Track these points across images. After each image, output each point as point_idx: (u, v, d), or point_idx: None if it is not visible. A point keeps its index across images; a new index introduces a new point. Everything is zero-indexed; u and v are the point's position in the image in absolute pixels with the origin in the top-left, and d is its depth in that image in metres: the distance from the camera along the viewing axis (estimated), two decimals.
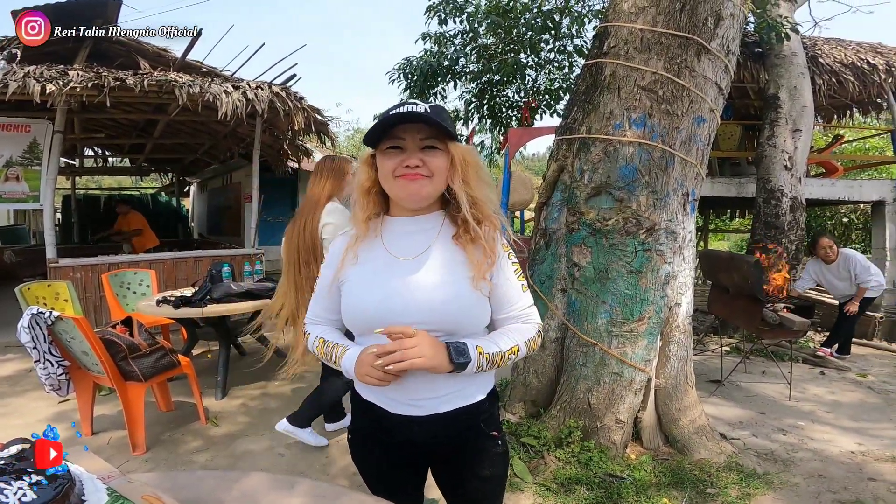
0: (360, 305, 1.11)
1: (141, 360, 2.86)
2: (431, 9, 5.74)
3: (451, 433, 1.15)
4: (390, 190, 1.10)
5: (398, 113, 1.03)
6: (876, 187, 6.74)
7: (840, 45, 6.76)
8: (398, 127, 1.06)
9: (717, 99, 2.91)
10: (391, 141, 1.07)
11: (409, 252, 1.12)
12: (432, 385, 1.10)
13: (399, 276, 1.09)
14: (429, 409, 1.12)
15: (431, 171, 1.07)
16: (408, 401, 1.12)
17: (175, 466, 2.72)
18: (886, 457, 2.99)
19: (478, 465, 1.19)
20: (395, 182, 1.07)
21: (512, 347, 1.10)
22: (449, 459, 1.21)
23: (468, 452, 1.18)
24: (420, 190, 1.07)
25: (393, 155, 1.07)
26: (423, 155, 1.06)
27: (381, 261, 1.12)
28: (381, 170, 1.09)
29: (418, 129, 1.06)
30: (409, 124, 1.05)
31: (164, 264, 5.76)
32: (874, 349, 5.75)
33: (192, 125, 7.91)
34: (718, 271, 4.86)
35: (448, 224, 1.15)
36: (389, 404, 1.14)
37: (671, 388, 2.93)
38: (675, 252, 2.87)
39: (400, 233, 1.15)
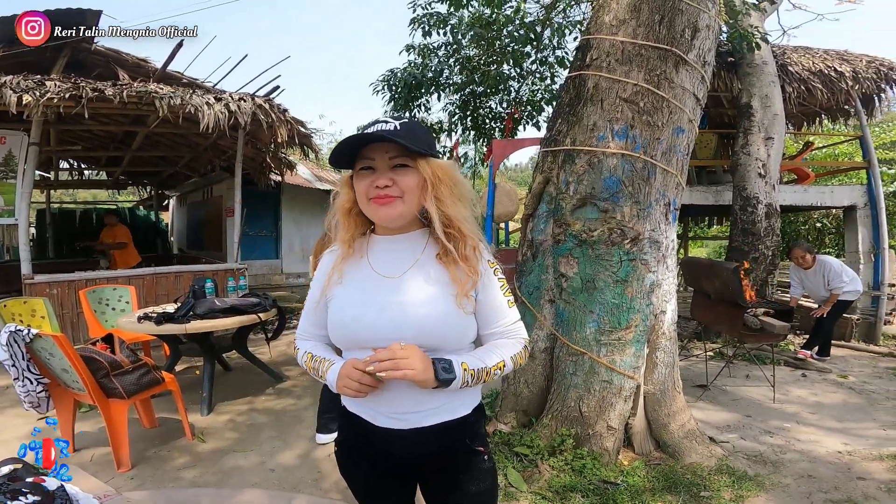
0: (344, 322, 1.12)
1: (123, 377, 2.83)
2: (416, 21, 5.79)
3: (434, 448, 1.14)
4: (366, 211, 1.12)
5: (360, 135, 1.04)
6: (847, 193, 6.95)
7: (808, 53, 6.93)
8: (368, 146, 1.06)
9: (694, 109, 2.98)
10: (362, 161, 1.08)
11: (394, 270, 1.13)
12: (417, 399, 1.10)
13: (383, 294, 1.10)
14: (412, 423, 1.11)
15: (402, 191, 1.07)
16: (392, 414, 1.11)
17: (162, 483, 2.65)
18: (874, 456, 3.05)
19: (465, 482, 1.18)
20: (369, 204, 1.09)
21: (498, 363, 1.11)
22: (435, 474, 1.20)
23: (454, 468, 1.18)
24: (391, 212, 1.08)
25: (365, 176, 1.08)
26: (394, 174, 1.06)
27: (367, 279, 1.13)
28: (357, 190, 1.11)
29: (387, 148, 1.06)
30: (378, 143, 1.05)
31: (143, 280, 5.65)
32: (852, 350, 5.91)
33: (171, 137, 7.81)
34: (700, 278, 4.95)
35: (432, 242, 1.15)
36: (374, 416, 1.13)
37: (660, 393, 2.97)
38: (659, 261, 2.92)
39: (385, 251, 1.16)
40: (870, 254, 6.70)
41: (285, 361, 5.02)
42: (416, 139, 1.05)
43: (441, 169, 1.10)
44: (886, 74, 6.71)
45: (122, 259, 7.35)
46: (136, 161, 9.22)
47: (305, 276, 10.18)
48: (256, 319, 3.72)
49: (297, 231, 10.48)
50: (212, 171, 9.12)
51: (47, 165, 9.61)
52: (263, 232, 10.03)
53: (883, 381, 4.67)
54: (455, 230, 1.11)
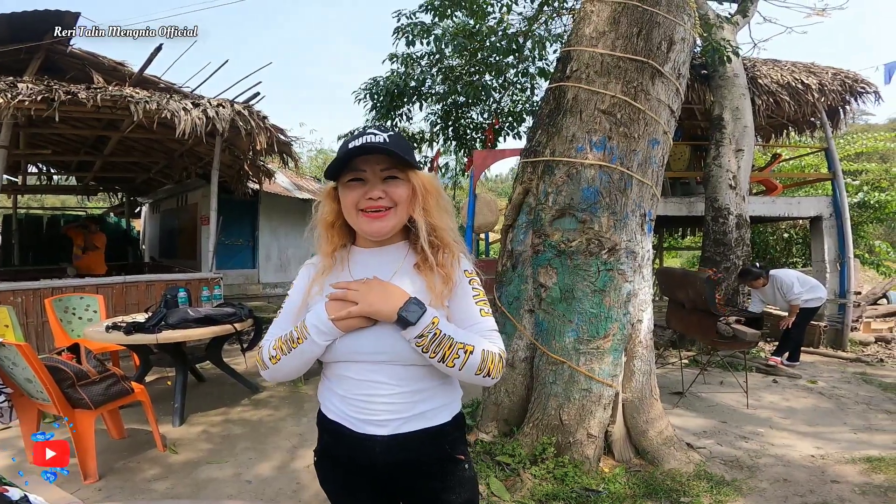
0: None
1: (90, 387, 2.75)
2: (399, 30, 5.81)
3: (414, 455, 1.13)
4: (354, 224, 1.12)
5: (359, 145, 1.04)
6: (813, 204, 7.19)
7: (777, 65, 7.11)
8: (358, 158, 1.06)
9: (669, 121, 3.06)
10: (352, 173, 1.08)
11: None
12: (397, 405, 1.10)
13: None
14: (392, 429, 1.10)
15: (394, 202, 1.08)
16: (372, 420, 1.11)
17: (132, 495, 2.57)
18: (846, 459, 3.12)
19: (444, 491, 1.17)
20: (359, 216, 1.09)
21: (468, 345, 1.04)
22: (416, 486, 1.18)
23: (434, 477, 1.16)
24: (384, 226, 1.09)
25: (355, 187, 1.08)
26: (385, 186, 1.08)
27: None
28: (344, 202, 1.10)
29: (378, 160, 1.07)
30: (370, 155, 1.06)
31: (112, 289, 5.48)
32: (821, 356, 6.08)
33: (146, 143, 7.65)
34: (674, 288, 5.04)
35: (411, 253, 1.16)
36: (353, 423, 1.12)
37: (638, 401, 3.00)
38: (636, 271, 2.96)
39: (365, 264, 1.16)
40: (835, 263, 6.93)
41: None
42: (406, 152, 1.08)
43: (428, 181, 1.13)
44: (851, 87, 6.94)
45: (94, 262, 7.20)
46: (108, 166, 9.01)
47: (283, 286, 10.03)
48: (231, 330, 3.64)
49: (275, 240, 10.35)
50: (187, 178, 8.95)
51: (15, 169, 9.30)
52: (240, 241, 9.87)
53: (851, 385, 4.81)
54: (438, 239, 1.13)
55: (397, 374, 1.10)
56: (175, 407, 3.57)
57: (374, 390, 1.09)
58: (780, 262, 10.47)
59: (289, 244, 10.59)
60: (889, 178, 10.47)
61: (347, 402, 1.13)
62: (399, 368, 1.10)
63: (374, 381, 1.10)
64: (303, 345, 1.08)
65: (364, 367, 1.10)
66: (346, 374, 1.12)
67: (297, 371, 1.14)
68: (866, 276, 12.05)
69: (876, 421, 3.83)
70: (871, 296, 9.10)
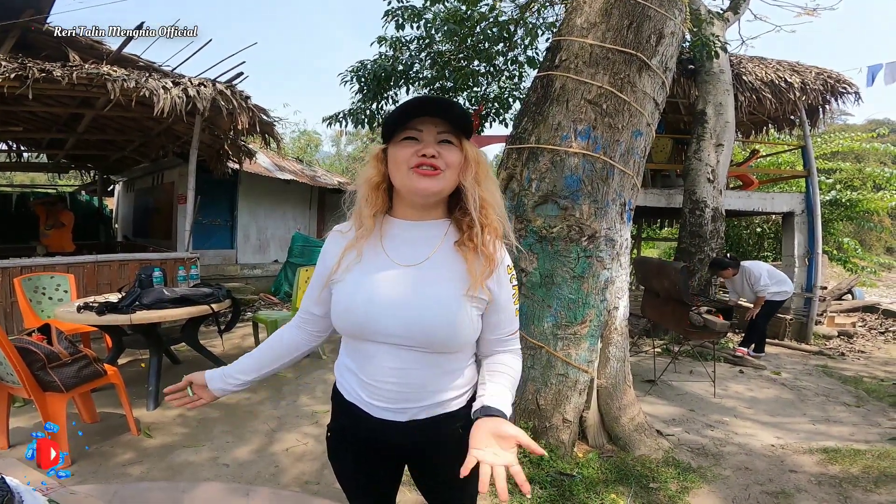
0: (351, 310, 1.09)
1: (61, 369, 2.68)
2: (390, 13, 5.72)
3: (429, 437, 1.15)
4: (402, 182, 1.07)
5: (422, 100, 1.05)
6: (786, 200, 7.37)
7: (762, 63, 7.21)
8: (417, 119, 1.06)
9: (653, 114, 3.09)
10: (408, 132, 1.07)
11: (410, 259, 1.10)
12: (417, 394, 1.10)
13: (398, 287, 1.07)
14: (410, 416, 1.12)
15: (447, 164, 1.06)
16: (390, 407, 1.11)
17: (107, 480, 2.53)
18: (804, 449, 3.24)
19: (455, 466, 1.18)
20: (409, 174, 1.05)
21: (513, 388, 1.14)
22: (427, 461, 1.21)
23: (447, 455, 1.16)
24: (434, 185, 1.06)
25: (409, 145, 1.06)
26: (440, 148, 1.06)
27: (381, 266, 1.10)
28: (395, 160, 1.07)
29: (436, 122, 1.06)
30: (428, 117, 1.06)
31: (84, 268, 5.34)
32: (786, 348, 6.30)
33: (121, 121, 7.41)
34: (650, 277, 5.14)
35: (453, 231, 1.14)
36: (371, 408, 1.13)
37: (612, 387, 3.07)
38: (614, 258, 3.01)
39: (402, 237, 1.12)
40: (804, 258, 7.14)
41: (239, 354, 4.78)
42: (466, 119, 1.09)
43: (480, 153, 1.12)
44: (833, 86, 7.06)
45: (58, 243, 7.01)
46: (81, 144, 8.71)
47: (262, 267, 9.91)
48: (208, 310, 3.59)
49: (254, 221, 10.20)
50: (164, 157, 8.72)
51: None
52: (218, 221, 9.69)
53: (813, 378, 4.99)
54: (484, 216, 1.10)
55: (423, 360, 1.09)
56: (149, 390, 3.52)
57: (397, 377, 1.08)
58: (752, 255, 10.75)
59: (268, 225, 10.45)
60: (862, 177, 10.76)
61: (366, 386, 1.12)
62: (427, 356, 1.09)
63: (397, 367, 1.09)
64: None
65: (388, 350, 1.08)
66: (369, 354, 1.11)
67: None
68: (833, 272, 12.45)
69: (834, 413, 3.98)
70: (837, 291, 9.44)
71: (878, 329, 7.60)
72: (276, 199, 10.54)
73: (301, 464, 2.81)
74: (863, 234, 16.59)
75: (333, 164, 25.60)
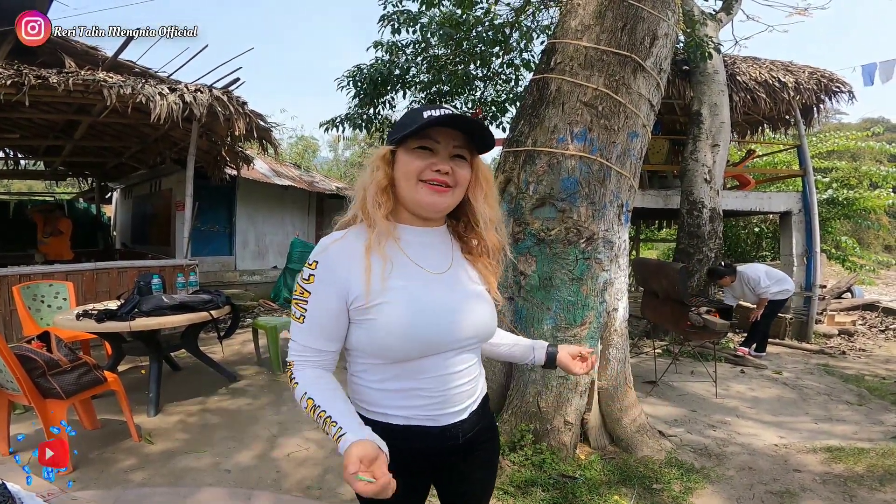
0: (416, 325, 1.00)
1: (61, 376, 2.70)
2: (386, 18, 5.74)
3: (478, 427, 1.16)
4: (409, 193, 1.04)
5: (452, 114, 0.99)
6: (783, 199, 7.39)
7: (756, 63, 7.23)
8: (435, 129, 1.02)
9: (648, 115, 3.10)
10: (423, 141, 1.03)
11: (436, 266, 1.08)
12: (472, 388, 1.14)
13: (442, 293, 1.06)
14: (469, 411, 1.14)
15: (457, 181, 1.05)
16: (452, 410, 1.10)
17: (108, 486, 2.53)
18: (808, 448, 3.23)
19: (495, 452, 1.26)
20: (418, 186, 1.03)
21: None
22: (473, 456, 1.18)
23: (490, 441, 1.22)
24: (444, 202, 1.05)
25: (423, 156, 1.03)
26: (453, 163, 1.04)
27: (416, 274, 1.05)
28: (405, 168, 1.03)
29: (454, 136, 1.04)
30: (448, 129, 1.03)
31: (82, 276, 5.33)
32: (786, 348, 6.29)
33: (118, 127, 7.43)
34: (649, 278, 5.15)
35: (454, 239, 1.16)
36: (433, 419, 1.08)
37: (612, 389, 3.07)
38: (612, 260, 3.02)
39: (418, 243, 1.09)
40: (802, 257, 7.15)
41: (239, 360, 4.88)
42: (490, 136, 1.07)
43: (488, 169, 1.12)
44: (826, 86, 7.09)
45: (56, 251, 7.01)
46: (78, 151, 8.71)
47: (261, 273, 9.90)
48: (208, 317, 3.59)
49: (253, 227, 10.20)
50: (161, 164, 8.73)
51: None
52: (216, 227, 9.68)
53: (814, 377, 4.98)
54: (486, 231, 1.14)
55: (470, 357, 1.12)
56: (150, 396, 3.51)
57: (455, 381, 1.08)
58: (750, 255, 10.76)
59: (267, 231, 10.44)
60: (858, 176, 10.79)
61: (424, 399, 1.06)
62: (472, 353, 1.13)
63: (453, 372, 1.08)
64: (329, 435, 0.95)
65: (450, 356, 1.07)
66: (428, 368, 1.05)
67: None
68: (832, 270, 12.47)
69: (836, 412, 3.97)
70: (836, 290, 9.46)
71: (879, 327, 7.60)
72: (275, 204, 10.54)
73: (303, 469, 2.81)
74: (861, 232, 16.62)
75: (331, 170, 25.64)
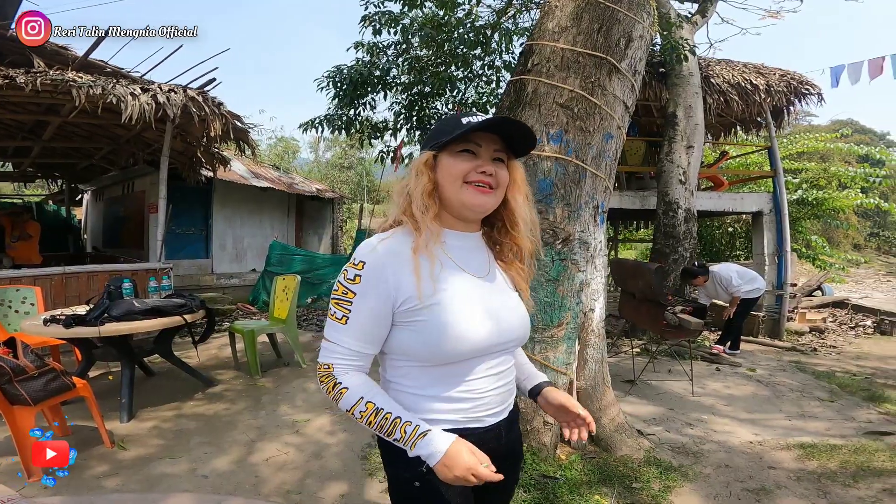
0: (471, 329, 1.02)
1: (28, 382, 2.63)
2: (367, 18, 5.71)
3: (515, 426, 1.19)
4: (455, 194, 1.06)
5: (503, 118, 1.06)
6: (755, 200, 7.57)
7: (729, 66, 7.37)
8: (477, 133, 1.06)
9: (623, 117, 3.14)
10: (465, 144, 1.06)
11: (478, 270, 1.12)
12: (511, 387, 1.16)
13: (488, 296, 1.09)
14: (508, 409, 1.16)
15: (498, 183, 1.08)
16: (495, 410, 1.12)
17: (81, 492, 2.46)
18: (782, 445, 3.28)
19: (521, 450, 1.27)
20: (464, 188, 1.05)
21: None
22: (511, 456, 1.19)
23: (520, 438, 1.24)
24: (489, 201, 1.08)
25: (467, 158, 1.06)
26: (494, 165, 1.08)
27: (462, 279, 1.07)
28: (449, 172, 1.06)
29: (494, 140, 1.08)
30: (486, 133, 1.07)
31: (51, 280, 5.18)
32: (760, 345, 6.44)
33: (88, 128, 7.24)
34: (626, 278, 5.22)
35: (487, 245, 1.18)
36: (478, 420, 1.09)
37: (591, 389, 3.10)
38: (588, 261, 3.04)
39: (460, 248, 1.11)
40: (774, 256, 7.33)
41: (216, 365, 4.79)
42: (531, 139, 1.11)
43: (522, 170, 1.15)
44: (796, 88, 7.28)
45: (24, 255, 6.80)
46: (48, 152, 8.47)
47: (239, 276, 9.75)
48: (181, 321, 3.52)
49: (230, 229, 10.05)
50: (134, 165, 8.53)
51: None
52: (192, 230, 9.51)
53: (787, 373, 5.09)
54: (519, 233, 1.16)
55: (510, 359, 1.16)
56: (122, 402, 3.43)
57: (498, 382, 1.11)
58: (725, 254, 11.01)
59: (245, 233, 10.30)
60: (827, 176, 11.10)
61: (469, 402, 1.07)
62: (510, 354, 1.16)
63: (496, 373, 1.11)
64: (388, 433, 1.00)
65: (483, 360, 1.08)
66: (464, 373, 1.06)
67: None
68: (803, 269, 12.82)
69: (809, 408, 4.05)
70: (807, 288, 9.72)
71: (849, 324, 7.81)
72: (253, 206, 10.40)
73: (282, 473, 2.77)
74: (831, 231, 17.12)
75: (312, 171, 25.39)
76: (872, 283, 16.07)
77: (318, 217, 12.54)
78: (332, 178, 23.42)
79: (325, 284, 8.62)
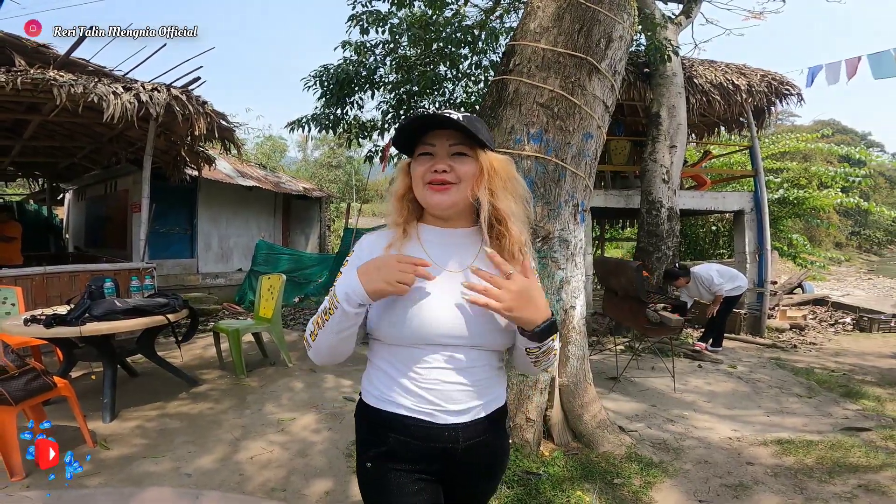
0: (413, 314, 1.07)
1: (8, 382, 2.61)
2: (354, 18, 5.71)
3: (484, 437, 1.14)
4: (421, 197, 1.12)
5: (424, 115, 1.07)
6: (737, 199, 7.69)
7: (712, 66, 7.47)
8: (430, 133, 1.10)
9: (603, 116, 3.18)
10: (422, 147, 1.11)
11: (456, 265, 1.14)
12: (478, 390, 1.12)
13: (452, 290, 1.09)
14: (473, 415, 1.12)
15: (459, 177, 1.09)
16: (453, 409, 1.09)
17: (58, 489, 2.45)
18: (759, 441, 3.33)
19: (500, 464, 1.23)
20: (424, 189, 1.10)
21: (556, 350, 1.16)
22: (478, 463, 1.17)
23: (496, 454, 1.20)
24: (445, 199, 1.10)
25: (424, 161, 1.11)
26: (452, 161, 1.09)
27: (433, 272, 1.09)
28: (414, 175, 1.12)
29: (448, 135, 1.10)
30: (441, 130, 1.09)
31: (32, 280, 5.12)
32: (741, 342, 6.55)
33: (70, 127, 7.13)
34: (609, 276, 5.28)
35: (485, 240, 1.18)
36: (433, 415, 1.09)
37: (573, 385, 3.14)
38: (568, 259, 3.08)
39: (441, 244, 1.16)
40: (755, 254, 7.46)
41: (200, 365, 4.77)
42: (478, 130, 1.09)
43: (497, 161, 1.13)
44: (777, 88, 7.40)
45: (5, 256, 6.68)
46: (28, 151, 8.32)
47: (225, 275, 9.69)
48: (163, 321, 3.50)
49: (216, 229, 9.97)
50: (116, 164, 8.43)
51: None
52: (177, 229, 9.42)
53: (766, 370, 5.18)
54: (503, 226, 1.12)
55: (478, 358, 1.11)
56: (104, 402, 3.40)
57: (452, 378, 1.09)
58: (708, 253, 11.16)
59: (231, 233, 10.23)
60: (808, 176, 11.31)
61: (425, 391, 1.09)
62: (481, 353, 1.12)
63: (455, 367, 1.09)
64: (334, 316, 1.06)
65: (443, 351, 1.09)
66: (422, 359, 1.09)
67: (336, 350, 1.11)
68: (784, 267, 13.03)
69: (787, 404, 4.11)
70: (788, 285, 9.90)
71: (829, 321, 7.97)
72: (239, 206, 10.33)
73: (266, 471, 2.77)
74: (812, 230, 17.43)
75: (300, 170, 25.26)
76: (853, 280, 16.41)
77: (305, 216, 12.49)
78: (321, 177, 23.32)
79: (312, 284, 8.59)
